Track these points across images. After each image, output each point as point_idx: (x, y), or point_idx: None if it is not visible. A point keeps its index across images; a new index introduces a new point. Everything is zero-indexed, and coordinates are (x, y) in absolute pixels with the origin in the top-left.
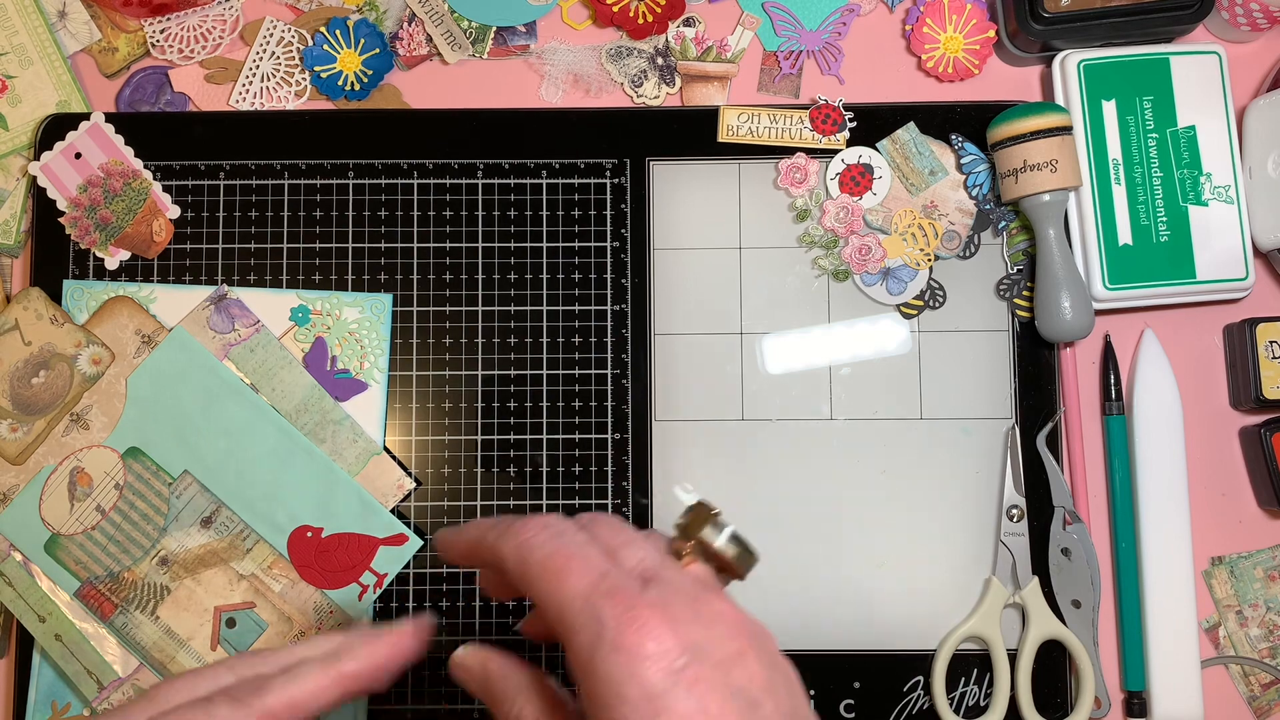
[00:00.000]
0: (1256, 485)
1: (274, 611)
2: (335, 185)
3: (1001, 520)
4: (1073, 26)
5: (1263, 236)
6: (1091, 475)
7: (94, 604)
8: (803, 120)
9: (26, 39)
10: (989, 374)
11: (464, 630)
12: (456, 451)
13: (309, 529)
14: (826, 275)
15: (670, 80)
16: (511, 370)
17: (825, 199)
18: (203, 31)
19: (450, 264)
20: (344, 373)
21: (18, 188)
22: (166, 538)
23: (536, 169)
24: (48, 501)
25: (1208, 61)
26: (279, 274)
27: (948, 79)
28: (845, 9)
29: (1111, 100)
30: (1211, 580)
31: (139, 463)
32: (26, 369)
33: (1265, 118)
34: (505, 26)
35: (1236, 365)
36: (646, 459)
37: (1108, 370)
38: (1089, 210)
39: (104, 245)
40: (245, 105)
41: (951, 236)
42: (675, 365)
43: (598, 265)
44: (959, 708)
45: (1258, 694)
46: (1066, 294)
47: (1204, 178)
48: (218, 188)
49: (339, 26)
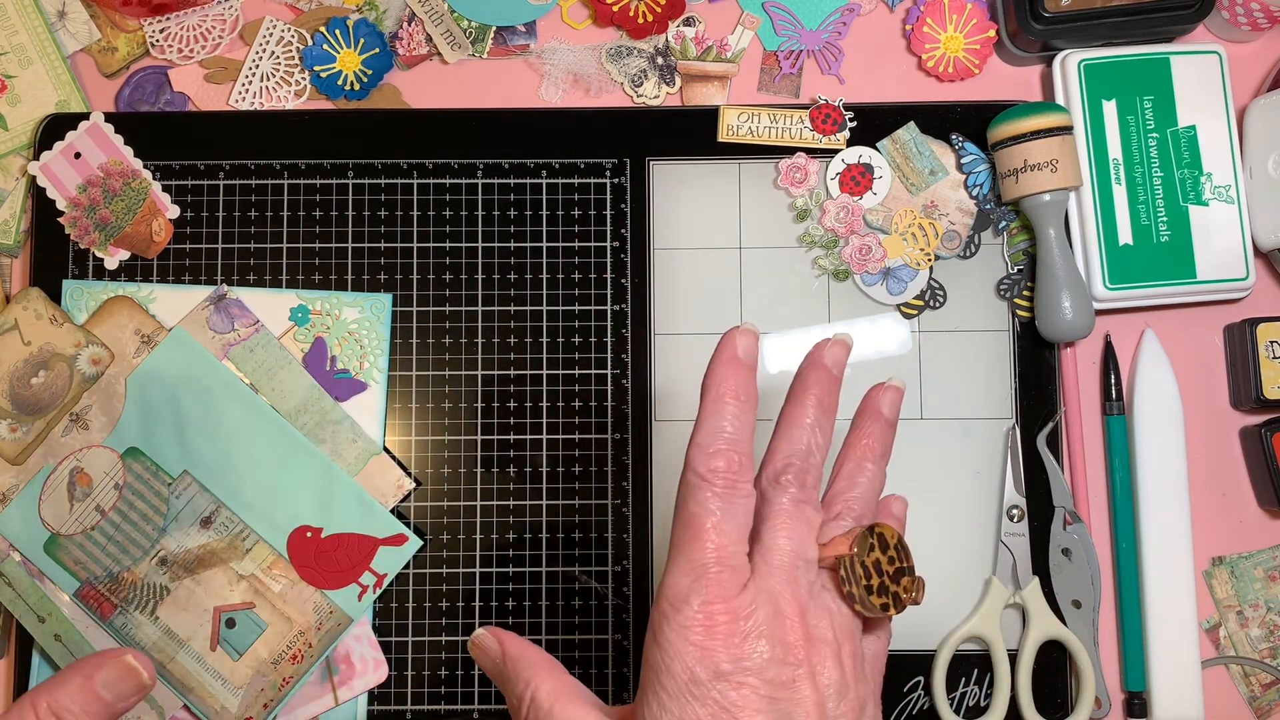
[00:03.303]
0: (1257, 485)
1: (273, 612)
2: (335, 185)
3: (1002, 520)
4: (1073, 26)
5: (1263, 236)
6: (1092, 475)
7: (93, 604)
8: (803, 120)
9: (26, 39)
10: (989, 374)
11: (464, 630)
12: (456, 451)
13: (308, 529)
14: (827, 275)
15: (670, 80)
16: (511, 370)
17: (825, 199)
18: (202, 31)
19: (450, 264)
20: (343, 373)
21: (17, 187)
22: (166, 538)
23: (536, 169)
24: (47, 502)
25: (1208, 61)
26: (279, 274)
27: (948, 79)
28: (845, 9)
29: (1112, 100)
30: (1212, 580)
31: (138, 463)
32: (26, 369)
33: (1265, 117)
34: (505, 26)
35: (1237, 365)
36: (646, 459)
37: (1108, 370)
38: (1089, 210)
39: (103, 245)
40: (245, 105)
41: (952, 236)
42: (675, 365)
43: (598, 265)
44: (959, 708)
45: (1258, 694)
46: (1067, 294)
47: (1204, 177)
48: (217, 187)
49: (339, 26)
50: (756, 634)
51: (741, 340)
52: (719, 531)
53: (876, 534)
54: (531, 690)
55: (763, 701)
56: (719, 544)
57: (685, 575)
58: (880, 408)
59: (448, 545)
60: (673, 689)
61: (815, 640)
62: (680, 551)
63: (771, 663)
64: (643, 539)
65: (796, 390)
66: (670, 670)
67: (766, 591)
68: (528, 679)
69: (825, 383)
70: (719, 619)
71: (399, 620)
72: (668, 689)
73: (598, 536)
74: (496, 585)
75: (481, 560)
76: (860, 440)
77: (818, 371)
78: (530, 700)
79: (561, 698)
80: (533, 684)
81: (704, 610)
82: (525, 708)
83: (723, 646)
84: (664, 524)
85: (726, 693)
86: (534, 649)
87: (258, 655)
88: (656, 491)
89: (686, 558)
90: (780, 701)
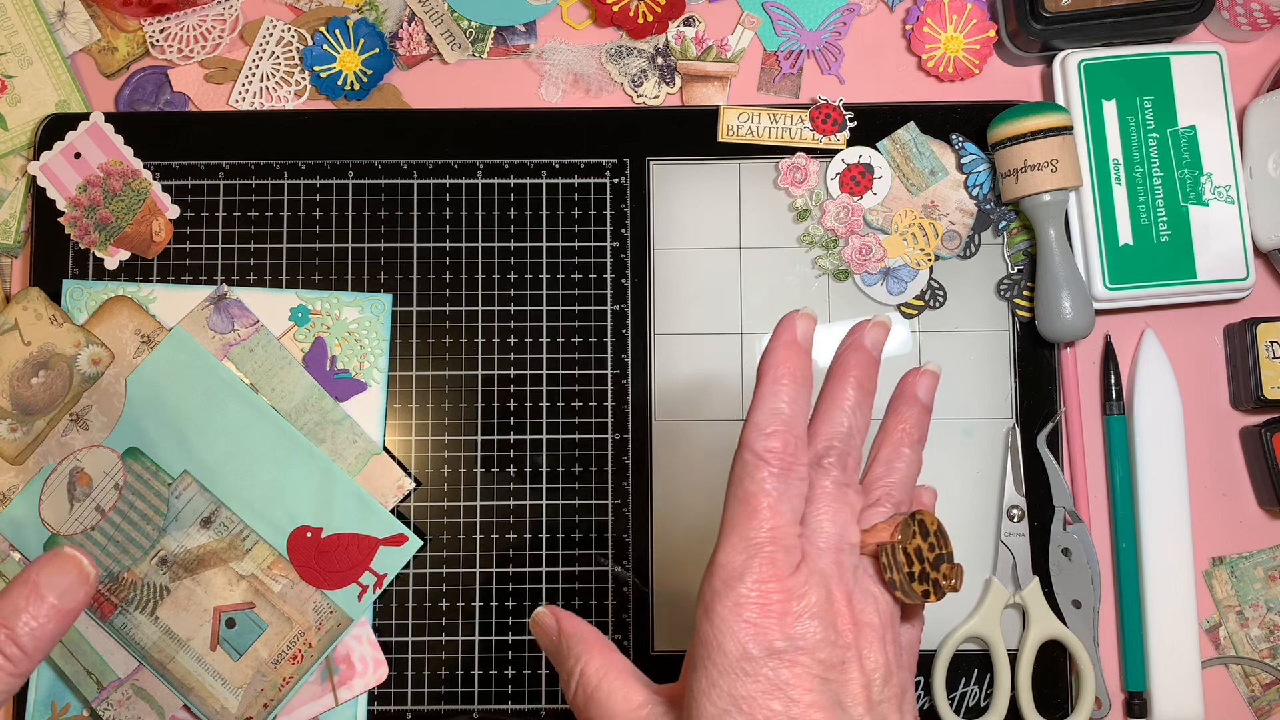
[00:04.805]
0: (1257, 485)
1: (273, 612)
2: (335, 185)
3: (1002, 520)
4: (1073, 26)
5: (1263, 236)
6: (1092, 475)
7: (93, 604)
8: (803, 120)
9: (26, 39)
10: (989, 374)
11: (464, 630)
12: (456, 451)
13: (308, 529)
14: (827, 275)
15: (670, 80)
16: (511, 370)
17: (825, 199)
18: (202, 31)
19: (450, 264)
20: (344, 373)
21: (17, 188)
22: (166, 538)
23: (536, 169)
24: (47, 502)
25: (1208, 61)
26: (279, 274)
27: (948, 79)
28: (845, 9)
29: (1112, 100)
30: (1212, 580)
31: (138, 463)
32: (26, 369)
33: (1266, 117)
34: (505, 26)
35: (1237, 365)
36: (646, 459)
37: (1108, 370)
38: (1089, 210)
39: (103, 245)
40: (245, 105)
41: (952, 236)
42: (675, 365)
43: (598, 265)
44: (959, 708)
45: (1258, 694)
46: (1067, 294)
47: (1204, 177)
48: (217, 187)
49: (339, 26)
50: (810, 614)
51: (801, 324)
52: (774, 512)
53: (918, 521)
54: (581, 665)
55: (814, 681)
56: (774, 524)
57: (739, 553)
58: (917, 392)
59: (448, 545)
60: (724, 665)
61: (862, 624)
62: (734, 529)
63: (823, 644)
64: (643, 539)
65: (836, 371)
66: (722, 646)
67: (819, 574)
68: (579, 654)
69: (865, 364)
70: (773, 598)
71: (399, 620)
72: (719, 665)
73: (598, 536)
74: (496, 585)
75: (481, 560)
76: (897, 425)
77: (858, 353)
78: (580, 675)
79: (609, 673)
80: (583, 659)
81: (758, 589)
82: (575, 682)
83: (776, 625)
84: (664, 524)
85: (779, 670)
86: (588, 627)
87: (258, 655)
88: (656, 491)
89: (741, 536)
90: (830, 683)
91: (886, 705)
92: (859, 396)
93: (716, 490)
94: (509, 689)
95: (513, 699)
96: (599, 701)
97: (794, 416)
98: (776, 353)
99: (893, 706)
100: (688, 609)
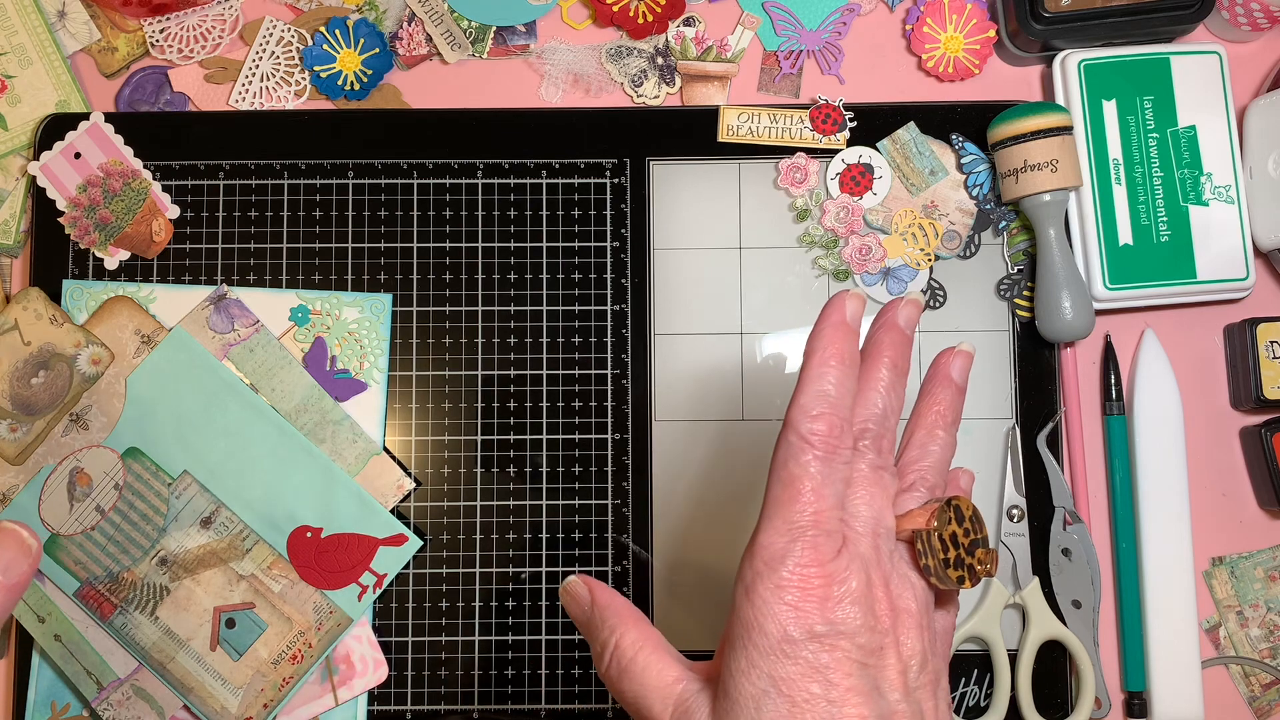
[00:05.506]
0: (1257, 485)
1: (273, 612)
2: (335, 185)
3: (1002, 520)
4: (1073, 26)
5: (1263, 236)
6: (1092, 475)
7: (93, 604)
8: (803, 120)
9: (26, 39)
10: (989, 374)
11: (464, 630)
12: (456, 451)
13: (308, 529)
14: (827, 275)
15: (670, 80)
16: (511, 370)
17: (825, 199)
18: (202, 31)
19: (450, 264)
20: (343, 373)
21: (17, 188)
22: (166, 538)
23: (536, 169)
24: (47, 502)
25: (1208, 61)
26: (279, 274)
27: (948, 79)
28: (845, 9)
29: (1112, 100)
30: (1212, 580)
31: (138, 463)
32: (26, 369)
33: (1266, 117)
34: (505, 26)
35: (1237, 365)
36: (646, 459)
37: (1108, 370)
38: (1089, 210)
39: (103, 245)
40: (245, 105)
41: (952, 236)
42: (675, 365)
43: (598, 265)
44: (959, 708)
45: (1258, 694)
46: (1067, 294)
47: (1204, 177)
48: (217, 187)
49: (339, 26)
50: (850, 599)
51: (850, 304)
52: (818, 495)
53: (954, 506)
54: (616, 638)
55: (853, 665)
56: (818, 508)
57: (781, 535)
58: (951, 373)
59: (448, 545)
60: (764, 646)
61: (900, 610)
62: (777, 511)
63: (863, 629)
64: (643, 539)
65: (870, 351)
66: (763, 628)
67: (859, 559)
68: (613, 626)
69: (899, 344)
70: (814, 581)
71: (399, 620)
72: (759, 646)
73: (598, 536)
74: (496, 585)
75: (481, 560)
76: (931, 407)
77: (892, 332)
78: (614, 647)
79: (645, 648)
80: (618, 631)
81: (799, 572)
82: (609, 655)
83: (817, 608)
84: (664, 524)
85: (819, 654)
86: (622, 599)
87: (258, 655)
88: (656, 491)
89: (783, 518)
90: (869, 668)
91: (922, 691)
92: (893, 377)
93: (717, 490)
94: (509, 689)
95: (513, 699)
96: (634, 675)
97: (840, 399)
98: (825, 333)
99: (928, 693)
100: (688, 608)
